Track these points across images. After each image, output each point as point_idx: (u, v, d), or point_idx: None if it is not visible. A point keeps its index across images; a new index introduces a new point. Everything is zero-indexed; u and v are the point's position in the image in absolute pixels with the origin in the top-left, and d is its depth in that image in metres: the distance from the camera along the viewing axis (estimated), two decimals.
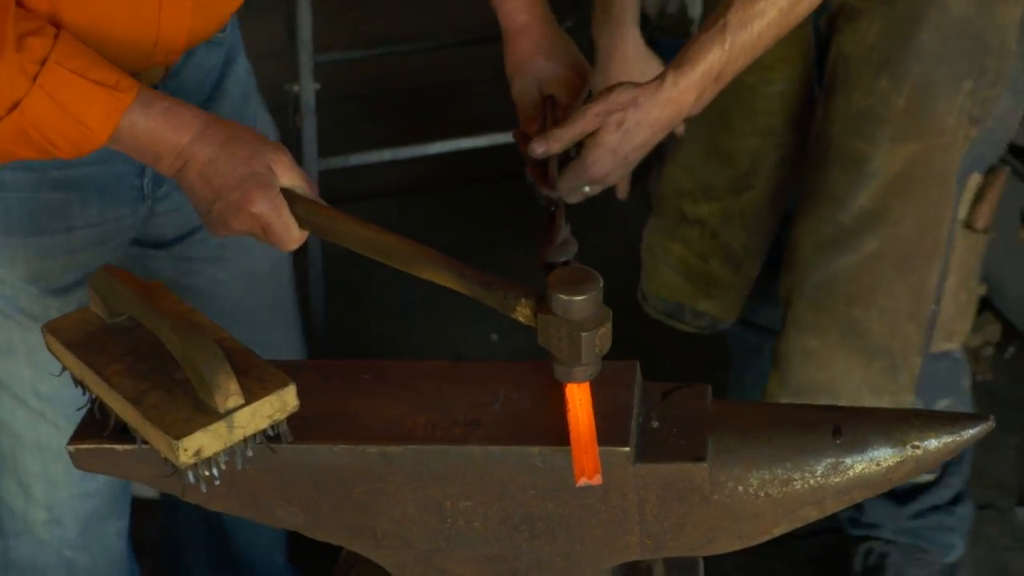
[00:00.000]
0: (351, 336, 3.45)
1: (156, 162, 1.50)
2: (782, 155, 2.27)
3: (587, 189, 1.68)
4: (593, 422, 1.23)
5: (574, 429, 1.23)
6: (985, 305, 3.01)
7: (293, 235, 1.46)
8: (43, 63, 1.38)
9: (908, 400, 2.13)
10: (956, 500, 2.31)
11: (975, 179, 2.04)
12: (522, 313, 1.25)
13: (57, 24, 1.44)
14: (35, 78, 1.37)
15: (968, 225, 2.04)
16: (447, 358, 2.86)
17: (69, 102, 1.41)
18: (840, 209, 2.05)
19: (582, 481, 1.23)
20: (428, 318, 3.19)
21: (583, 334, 1.19)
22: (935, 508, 2.28)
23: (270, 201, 1.43)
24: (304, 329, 2.26)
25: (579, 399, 1.23)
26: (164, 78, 1.72)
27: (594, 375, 1.23)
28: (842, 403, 2.00)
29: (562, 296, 1.19)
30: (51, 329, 1.39)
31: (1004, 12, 1.96)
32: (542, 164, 1.62)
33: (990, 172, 2.06)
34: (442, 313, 2.16)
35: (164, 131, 1.46)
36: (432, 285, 1.34)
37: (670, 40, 3.47)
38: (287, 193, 1.45)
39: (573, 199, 1.67)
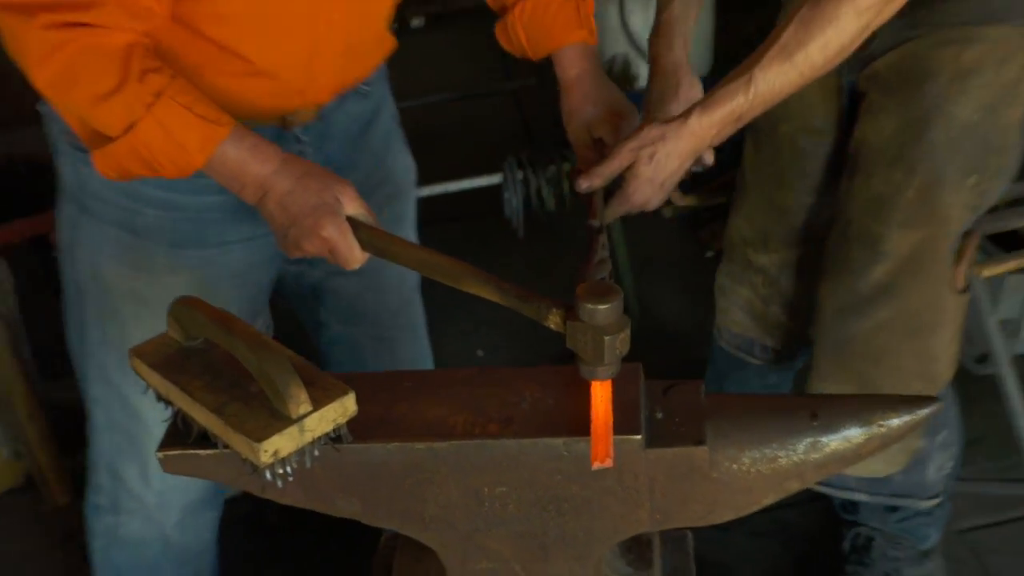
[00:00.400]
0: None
1: (241, 190, 1.57)
2: (832, 211, 2.23)
3: (631, 211, 1.72)
4: (611, 414, 1.29)
5: (595, 420, 1.28)
6: None
7: (356, 256, 1.53)
8: (158, 95, 1.46)
9: (915, 443, 2.14)
10: (939, 505, 2.33)
11: (957, 248, 2.08)
12: (553, 320, 1.30)
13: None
14: (150, 107, 1.46)
15: (952, 286, 2.07)
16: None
17: (175, 129, 1.49)
18: (858, 280, 2.05)
19: (596, 464, 1.29)
20: None
21: (606, 338, 1.24)
22: (920, 514, 2.30)
23: (337, 227, 1.50)
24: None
25: (601, 395, 1.28)
26: (316, 119, 1.79)
27: (615, 374, 1.28)
28: None
29: (589, 305, 1.24)
30: (136, 353, 1.42)
31: (1008, 114, 1.96)
32: (587, 197, 1.67)
33: (967, 234, 2.07)
34: (430, 331, 2.19)
35: (250, 163, 1.54)
36: None
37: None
38: (351, 220, 1.52)
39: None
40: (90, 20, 1.44)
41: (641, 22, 3.81)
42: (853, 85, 2.00)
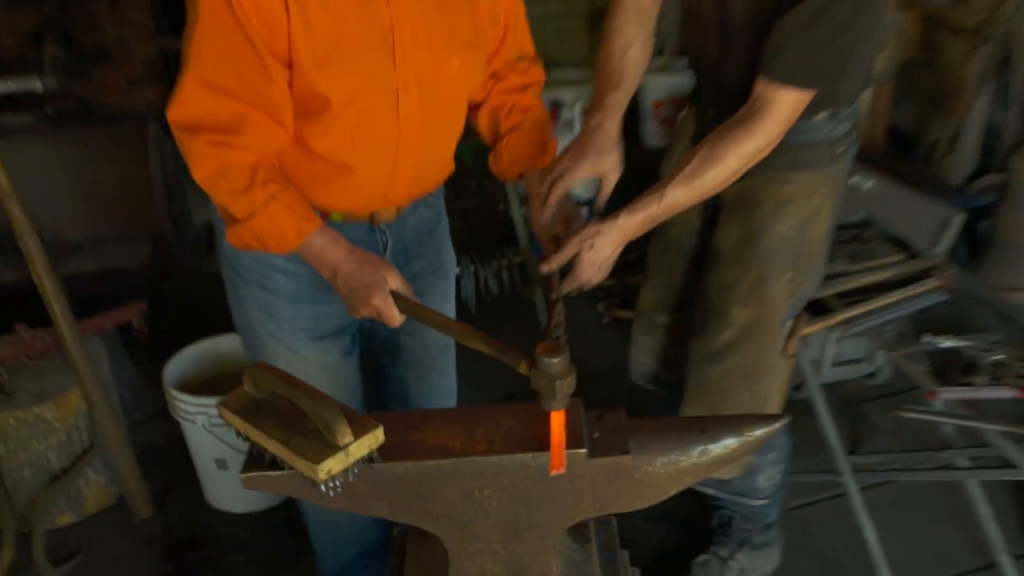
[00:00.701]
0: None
1: (320, 268, 1.59)
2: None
3: (579, 289, 1.69)
4: (564, 436, 1.30)
5: (553, 440, 1.29)
6: None
7: (396, 317, 1.53)
8: (272, 198, 1.50)
9: (748, 458, 2.08)
10: (769, 503, 2.31)
11: (788, 325, 2.01)
12: (523, 368, 1.31)
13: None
14: (265, 205, 1.50)
15: (782, 352, 2.01)
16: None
17: (279, 222, 1.52)
18: (711, 340, 2.01)
19: (554, 472, 1.31)
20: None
21: (557, 382, 1.26)
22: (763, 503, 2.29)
23: (383, 298, 1.51)
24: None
25: (556, 421, 1.28)
26: (396, 219, 1.77)
27: (566, 406, 1.28)
28: None
29: (545, 359, 1.27)
30: (223, 404, 1.39)
31: (813, 231, 1.92)
32: (547, 277, 1.64)
33: (797, 318, 2.02)
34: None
35: (328, 250, 1.56)
36: None
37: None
38: (394, 293, 1.53)
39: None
40: (232, 143, 1.48)
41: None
42: (715, 203, 1.99)
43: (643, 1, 1.81)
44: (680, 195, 1.65)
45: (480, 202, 3.88)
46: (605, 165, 1.70)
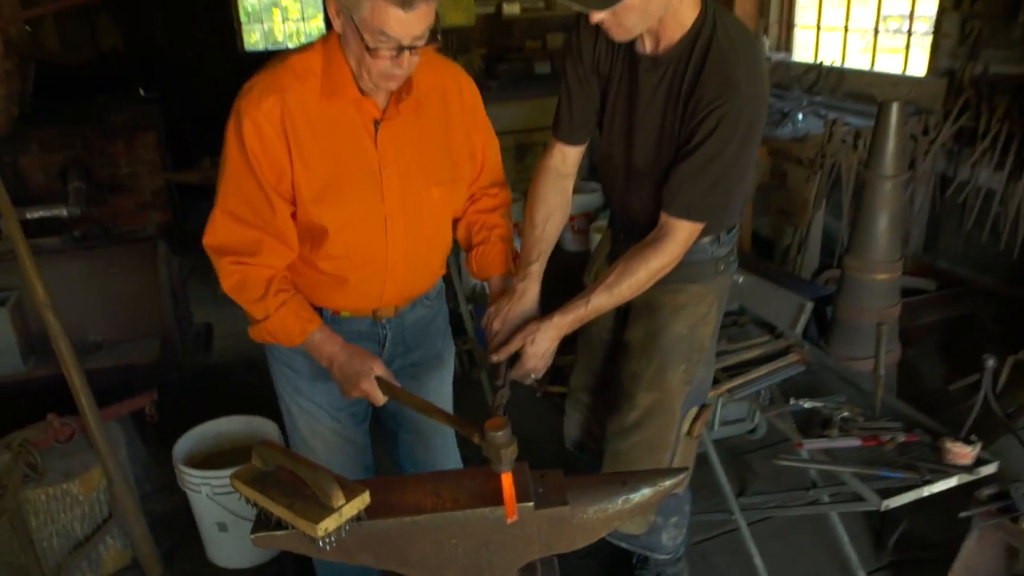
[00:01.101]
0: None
1: (319, 359, 1.61)
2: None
3: (532, 378, 1.69)
4: (514, 491, 1.32)
5: (505, 495, 1.32)
6: None
7: (379, 399, 1.56)
8: (282, 304, 1.55)
9: (652, 518, 2.04)
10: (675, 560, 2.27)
11: (693, 411, 1.97)
12: (476, 439, 1.37)
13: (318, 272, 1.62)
14: (277, 310, 1.55)
15: (689, 433, 1.98)
16: None
17: (287, 323, 1.56)
18: (624, 418, 1.95)
19: (509, 520, 1.33)
20: None
21: (502, 450, 1.31)
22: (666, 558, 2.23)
23: (369, 383, 1.54)
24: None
25: (507, 481, 1.31)
26: (395, 315, 1.75)
27: (512, 469, 1.32)
28: None
29: (492, 432, 1.32)
30: (235, 476, 1.38)
31: (703, 331, 1.90)
32: (495, 366, 1.67)
33: (703, 407, 1.99)
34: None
35: (325, 344, 1.58)
36: None
37: (479, 306, 3.45)
38: (379, 379, 1.56)
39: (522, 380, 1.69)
40: (250, 262, 1.54)
41: None
42: (627, 306, 1.96)
43: (563, 171, 1.85)
44: (603, 300, 1.68)
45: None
46: (530, 329, 1.68)
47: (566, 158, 1.84)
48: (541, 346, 1.65)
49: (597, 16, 1.50)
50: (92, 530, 2.48)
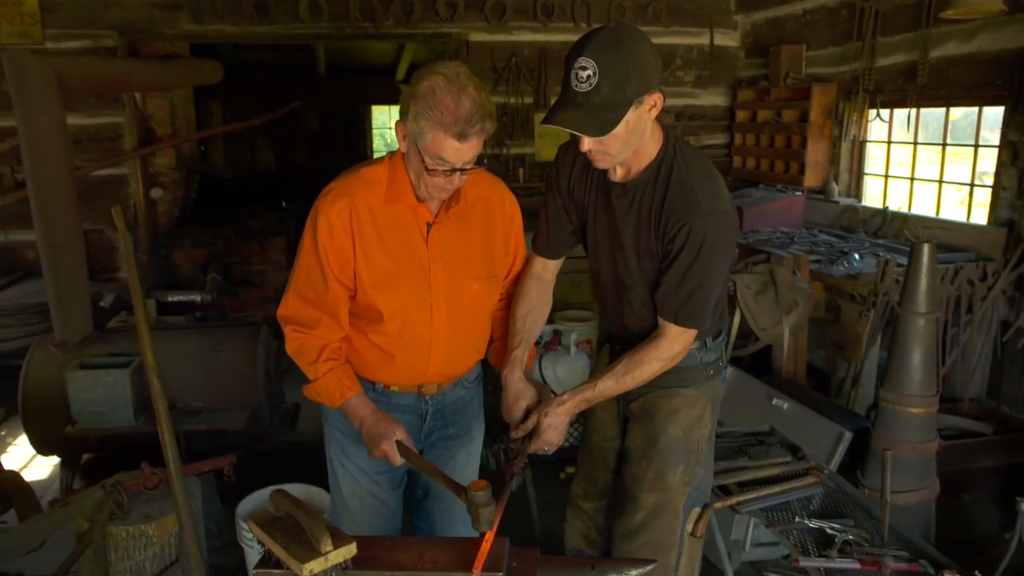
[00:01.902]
0: None
1: (352, 421, 1.73)
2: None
3: (546, 449, 1.72)
4: (487, 550, 1.38)
5: (480, 551, 1.37)
6: None
7: (397, 460, 1.66)
8: (330, 370, 1.69)
9: None
10: None
11: (695, 511, 1.94)
12: (462, 498, 1.45)
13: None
14: (324, 375, 1.69)
15: (692, 534, 1.94)
16: None
17: (331, 388, 1.70)
18: (628, 520, 1.91)
19: (475, 572, 1.36)
20: None
21: (481, 510, 1.39)
22: None
23: (389, 445, 1.65)
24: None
25: (487, 539, 1.39)
26: (438, 392, 1.85)
27: (489, 528, 1.38)
28: None
29: (472, 492, 1.39)
30: (252, 518, 1.46)
31: (698, 433, 1.89)
32: (516, 441, 1.74)
33: (705, 507, 1.96)
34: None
35: (358, 409, 1.71)
36: None
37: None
38: (399, 443, 1.66)
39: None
40: (309, 333, 1.72)
41: (550, 371, 3.75)
42: (625, 412, 1.98)
43: (545, 276, 1.93)
44: (609, 385, 1.74)
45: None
46: (523, 405, 1.76)
47: (546, 267, 1.94)
48: (556, 421, 1.71)
49: (587, 143, 1.61)
50: (160, 570, 2.61)
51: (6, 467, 2.87)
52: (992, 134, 3.89)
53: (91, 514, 2.53)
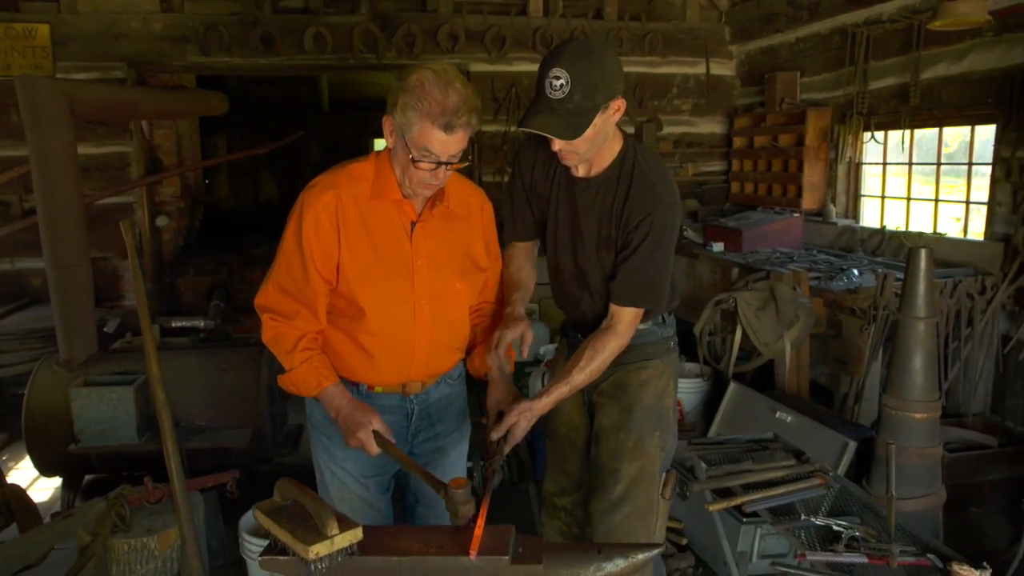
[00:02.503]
0: None
1: (329, 410, 1.74)
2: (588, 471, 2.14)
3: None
4: (481, 531, 1.39)
5: (476, 530, 1.39)
6: (684, 547, 2.90)
7: (373, 449, 1.66)
8: (306, 360, 1.70)
9: None
10: None
11: (664, 475, 1.98)
12: (441, 494, 1.48)
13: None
14: (301, 364, 1.70)
15: (663, 496, 1.97)
16: None
17: (307, 377, 1.70)
18: (610, 493, 1.99)
19: (471, 555, 1.38)
20: None
21: (460, 507, 1.44)
22: None
23: (366, 434, 1.65)
24: None
25: (481, 520, 1.40)
26: (422, 391, 1.87)
27: (465, 522, 1.44)
28: None
29: (453, 489, 1.43)
30: (257, 507, 1.46)
31: (667, 402, 2.01)
32: (494, 443, 1.76)
33: (668, 472, 1.98)
34: None
35: (335, 398, 1.72)
36: None
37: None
38: (375, 432, 1.67)
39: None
40: (285, 323, 1.73)
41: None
42: (590, 401, 2.07)
43: (527, 252, 2.05)
44: (580, 378, 1.84)
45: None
46: (520, 328, 1.82)
47: (525, 247, 2.07)
48: (529, 422, 1.77)
49: (558, 144, 1.75)
50: None
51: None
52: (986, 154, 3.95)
53: (93, 527, 2.52)
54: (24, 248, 5.05)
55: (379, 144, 9.51)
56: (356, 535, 1.39)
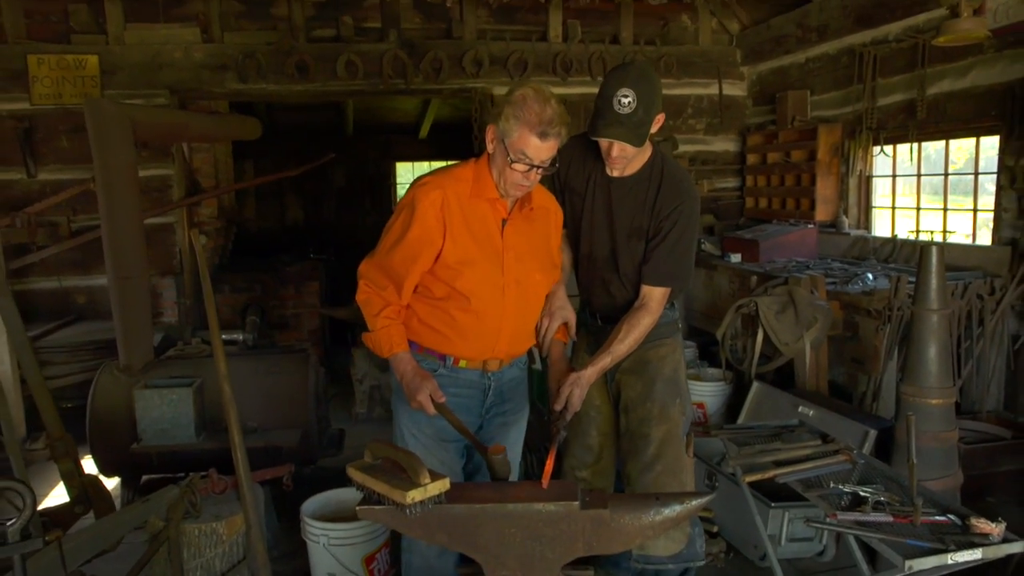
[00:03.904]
0: None
1: (395, 373, 1.97)
2: (612, 444, 2.46)
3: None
4: (551, 466, 1.65)
5: (546, 466, 1.64)
6: (715, 534, 3.06)
7: (431, 410, 1.90)
8: (384, 327, 1.95)
9: (688, 529, 2.29)
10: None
11: (687, 437, 2.31)
12: (484, 457, 1.79)
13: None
14: (381, 329, 1.94)
15: (686, 454, 2.29)
16: None
17: (382, 341, 1.94)
18: (643, 455, 2.27)
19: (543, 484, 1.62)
20: None
21: (498, 467, 1.73)
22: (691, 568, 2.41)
23: (425, 397, 1.90)
24: None
25: (550, 458, 1.66)
26: (499, 369, 2.12)
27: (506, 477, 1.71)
28: None
29: (492, 456, 1.70)
30: (351, 466, 1.66)
31: (681, 375, 2.37)
32: (556, 412, 2.03)
33: (689, 434, 2.32)
34: None
35: (401, 363, 1.96)
36: None
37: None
38: (431, 397, 1.92)
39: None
40: (376, 291, 2.00)
41: None
42: (614, 377, 2.37)
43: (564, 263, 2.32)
44: (620, 349, 2.16)
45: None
46: (565, 314, 2.15)
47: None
48: (584, 391, 2.08)
49: (617, 150, 2.10)
50: (228, 568, 2.77)
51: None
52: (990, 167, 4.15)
53: (167, 512, 2.71)
54: (71, 267, 5.29)
55: (401, 167, 9.81)
56: (444, 485, 1.59)
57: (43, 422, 2.94)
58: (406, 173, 9.63)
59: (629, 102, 2.01)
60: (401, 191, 9.43)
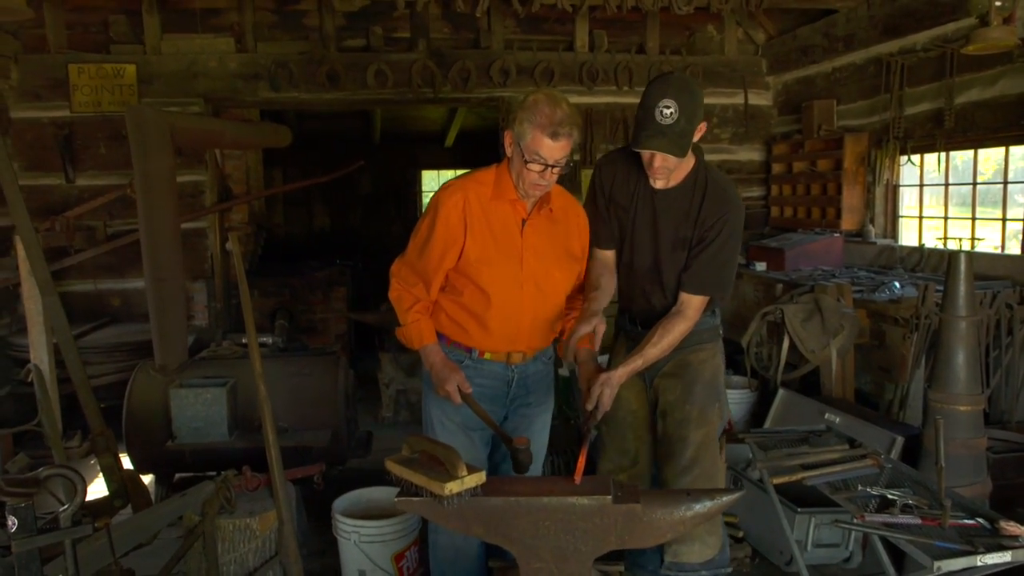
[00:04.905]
0: None
1: (425, 363, 2.07)
2: (648, 448, 2.43)
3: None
4: (584, 462, 1.69)
5: (579, 461, 1.68)
6: (741, 539, 3.07)
7: (457, 400, 2.00)
8: (414, 322, 2.05)
9: (721, 534, 2.28)
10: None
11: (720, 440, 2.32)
12: (508, 448, 1.86)
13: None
14: (412, 323, 2.04)
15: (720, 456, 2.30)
16: None
17: (412, 335, 2.05)
18: (680, 458, 2.25)
19: (575, 480, 1.67)
20: None
21: (519, 456, 1.81)
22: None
23: (452, 387, 1.99)
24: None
25: (583, 454, 1.71)
26: (523, 362, 2.20)
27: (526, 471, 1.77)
28: None
29: (515, 447, 1.76)
30: (390, 459, 1.71)
31: (720, 379, 2.35)
32: (588, 411, 2.07)
33: (721, 438, 2.32)
34: None
35: (431, 355, 2.05)
36: None
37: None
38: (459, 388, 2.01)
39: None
40: (406, 289, 2.11)
41: None
42: (652, 382, 2.37)
43: (607, 262, 2.34)
44: (652, 353, 2.17)
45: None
46: (593, 322, 2.08)
47: (608, 257, 2.37)
48: (614, 391, 2.12)
49: (659, 160, 2.11)
50: (261, 563, 2.83)
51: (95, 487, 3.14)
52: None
53: (202, 507, 2.78)
54: (105, 270, 5.42)
55: (426, 175, 9.93)
56: (481, 477, 1.63)
57: (85, 418, 3.03)
58: (431, 181, 9.75)
59: (671, 112, 2.03)
60: (426, 199, 9.56)
